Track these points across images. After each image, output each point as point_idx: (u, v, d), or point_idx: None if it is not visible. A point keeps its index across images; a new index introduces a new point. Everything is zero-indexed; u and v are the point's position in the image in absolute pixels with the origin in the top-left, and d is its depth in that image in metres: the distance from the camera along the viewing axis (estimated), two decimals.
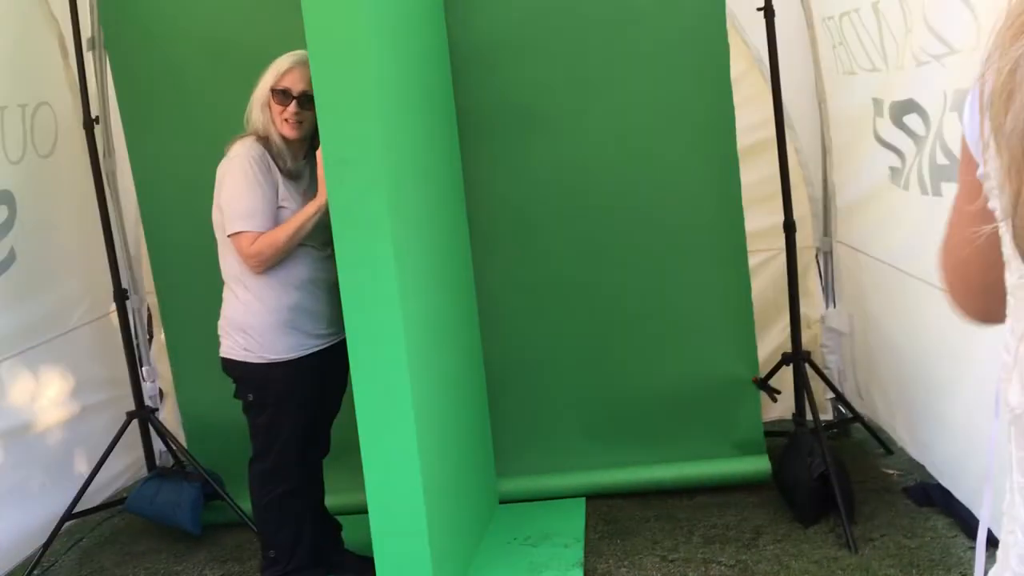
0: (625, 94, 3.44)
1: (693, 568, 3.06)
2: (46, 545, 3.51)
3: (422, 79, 3.05)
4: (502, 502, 3.63)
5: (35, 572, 3.45)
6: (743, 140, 3.62)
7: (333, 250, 2.61)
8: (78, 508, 3.60)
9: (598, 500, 3.60)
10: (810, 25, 3.71)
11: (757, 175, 3.77)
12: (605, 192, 3.50)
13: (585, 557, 3.19)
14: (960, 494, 3.05)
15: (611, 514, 3.51)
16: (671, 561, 3.13)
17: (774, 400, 3.64)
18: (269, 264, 2.76)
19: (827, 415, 4.01)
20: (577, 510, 3.54)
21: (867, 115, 3.30)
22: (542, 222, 3.53)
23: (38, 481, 3.62)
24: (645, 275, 3.55)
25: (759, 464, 3.55)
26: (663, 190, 3.49)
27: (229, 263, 2.84)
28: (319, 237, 2.78)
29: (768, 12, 3.39)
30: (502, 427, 3.61)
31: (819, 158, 3.90)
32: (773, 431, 3.73)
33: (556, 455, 3.66)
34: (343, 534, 3.22)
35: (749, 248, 3.64)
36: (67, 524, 3.59)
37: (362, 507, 2.74)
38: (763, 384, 3.60)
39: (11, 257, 3.52)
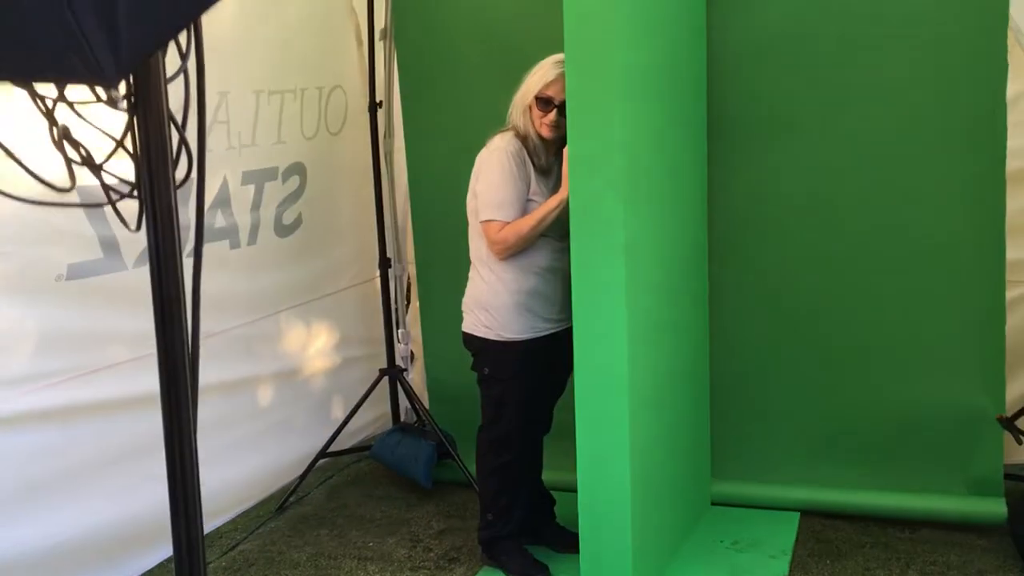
0: (886, 103, 3.33)
1: None
2: (302, 477, 3.98)
3: (675, 81, 3.14)
4: (714, 503, 3.67)
5: (291, 499, 3.93)
6: (1017, 163, 3.41)
7: (569, 242, 2.78)
8: (331, 449, 4.05)
9: (813, 517, 3.55)
10: None
11: None
12: (853, 205, 3.42)
13: (790, 572, 3.18)
14: None
15: (825, 533, 3.46)
16: None
17: (1019, 442, 3.41)
18: (512, 252, 2.98)
19: None
20: (790, 523, 3.51)
21: None
22: (784, 232, 3.51)
23: (301, 421, 4.10)
24: (889, 293, 3.44)
25: (994, 506, 3.36)
26: (918, 207, 3.36)
27: (477, 246, 3.08)
28: (558, 229, 2.96)
29: None
30: (723, 429, 3.64)
31: None
32: (1014, 475, 3.50)
33: (774, 465, 3.65)
34: (556, 509, 3.41)
35: (1014, 279, 3.44)
36: (321, 462, 4.05)
37: (576, 486, 2.90)
38: (1008, 423, 3.39)
39: (299, 221, 3.99)
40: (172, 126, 1.09)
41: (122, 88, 1.06)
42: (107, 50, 0.93)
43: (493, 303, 3.03)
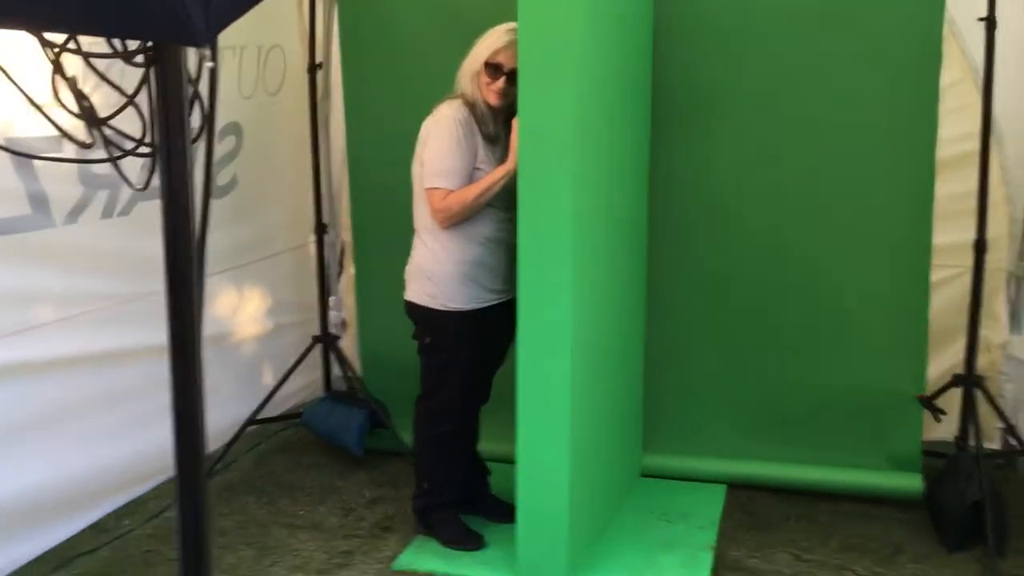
0: (823, 91, 3.41)
1: (826, 572, 3.07)
2: (229, 444, 3.90)
3: (624, 60, 3.15)
4: (644, 475, 3.73)
5: (217, 466, 3.86)
6: (946, 151, 3.51)
7: (515, 213, 2.77)
8: (260, 416, 3.99)
9: (740, 490, 3.65)
10: None
11: (956, 188, 3.64)
12: (788, 187, 3.50)
13: (718, 542, 3.26)
14: None
15: (751, 506, 3.55)
16: (804, 561, 3.15)
17: (938, 420, 3.55)
18: (455, 220, 2.96)
19: (994, 444, 3.86)
20: (717, 496, 3.59)
21: None
22: (722, 212, 3.56)
23: (230, 387, 4.01)
24: (820, 275, 3.53)
25: (912, 481, 3.49)
26: (851, 192, 3.45)
27: (422, 214, 3.05)
28: (504, 199, 2.94)
29: (990, 23, 3.26)
30: (654, 403, 3.70)
31: None
32: (932, 451, 3.64)
33: (704, 439, 3.72)
34: (490, 480, 3.42)
35: (938, 263, 3.56)
36: (249, 429, 3.98)
37: (511, 457, 2.92)
38: (928, 402, 3.52)
39: (234, 182, 3.89)
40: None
41: (131, 44, 1.01)
42: (199, 9, 0.89)
43: (437, 272, 3.01)
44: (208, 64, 1.01)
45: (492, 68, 2.93)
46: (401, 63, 3.79)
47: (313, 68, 3.99)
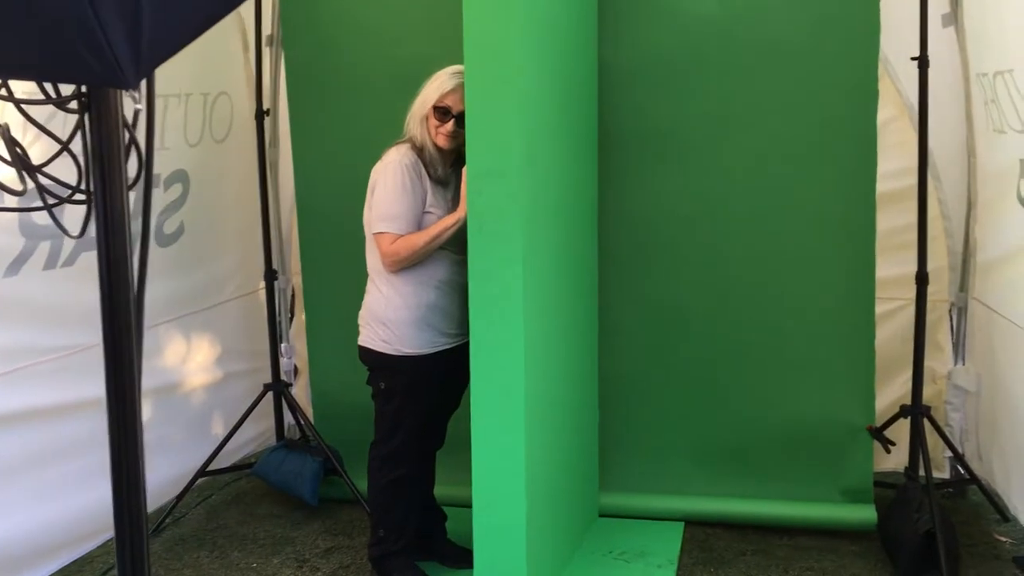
0: (766, 127, 3.48)
1: None
2: (179, 497, 3.82)
3: (569, 97, 3.19)
4: (602, 515, 3.72)
5: (167, 520, 3.77)
6: (885, 185, 3.61)
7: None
8: (211, 467, 3.91)
9: (696, 527, 3.65)
10: (966, 79, 3.65)
11: (897, 222, 3.74)
12: (735, 223, 3.55)
13: None
14: None
15: (708, 542, 3.55)
16: None
17: (887, 451, 3.59)
18: (403, 265, 2.95)
19: (943, 473, 3.92)
20: (675, 533, 3.59)
21: (1012, 176, 3.24)
22: (670, 248, 3.61)
23: (180, 437, 3.94)
24: (768, 309, 3.58)
25: (865, 513, 3.52)
26: (795, 227, 3.51)
27: (375, 259, 3.04)
28: (457, 242, 2.95)
29: (922, 62, 3.37)
30: (609, 442, 3.70)
31: (963, 211, 3.83)
32: (883, 482, 3.69)
33: (660, 476, 3.73)
34: (447, 525, 3.39)
35: (882, 295, 3.63)
36: (200, 480, 3.90)
37: (468, 501, 2.89)
38: (877, 433, 3.56)
39: (180, 230, 3.85)
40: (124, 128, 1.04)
41: (65, 89, 1.00)
42: (128, 52, 0.87)
43: (392, 317, 2.99)
44: (137, 106, 1.00)
45: (440, 111, 2.95)
46: (349, 108, 3.80)
47: (260, 115, 3.98)
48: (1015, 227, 3.27)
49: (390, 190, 2.94)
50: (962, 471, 3.80)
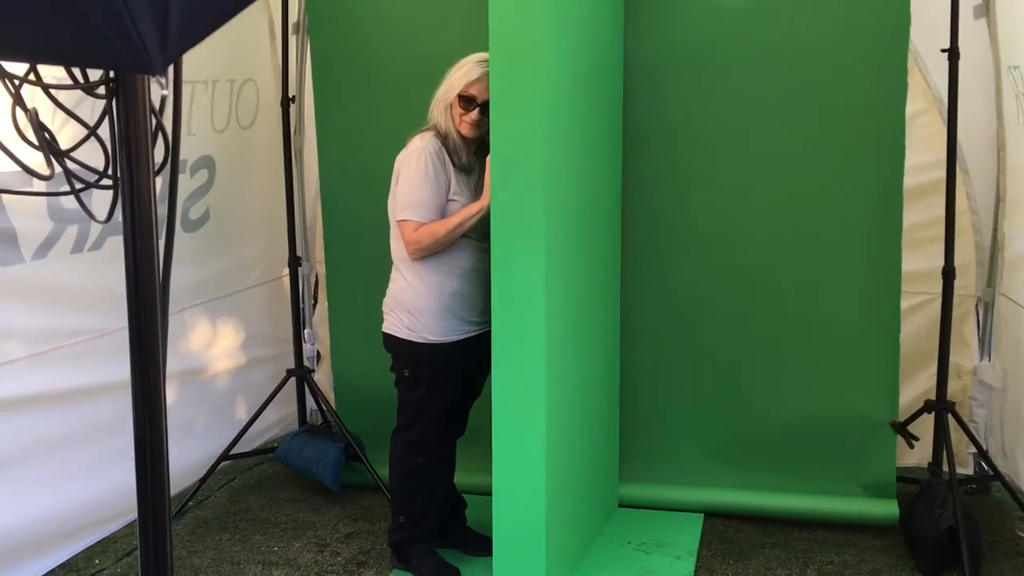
0: (794, 120, 3.45)
1: None
2: (202, 480, 3.86)
3: (595, 90, 3.18)
4: (621, 506, 3.72)
5: (190, 503, 3.81)
6: (914, 179, 3.57)
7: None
8: (234, 451, 3.95)
9: (716, 519, 3.65)
10: (997, 72, 3.61)
11: (924, 216, 3.71)
12: (759, 218, 3.53)
13: (695, 572, 3.25)
14: None
15: (728, 534, 3.55)
16: None
17: (911, 446, 3.57)
18: (426, 253, 2.96)
19: (967, 469, 3.89)
20: (694, 525, 3.59)
21: None
22: (694, 241, 3.59)
23: (203, 421, 3.98)
24: (792, 303, 3.56)
25: (887, 508, 3.51)
26: (822, 220, 3.49)
27: (399, 247, 3.05)
28: (480, 230, 2.95)
29: (952, 54, 3.33)
30: (631, 433, 3.70)
31: (992, 206, 3.79)
32: (906, 477, 3.67)
33: (680, 468, 3.73)
34: (467, 512, 3.40)
35: (908, 290, 3.60)
36: (223, 464, 3.94)
37: (489, 489, 2.90)
38: (901, 428, 3.54)
39: (206, 216, 3.88)
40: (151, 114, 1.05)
41: (93, 75, 1.01)
42: (155, 38, 0.88)
43: (416, 305, 3.00)
44: (163, 92, 1.01)
45: (465, 100, 2.95)
46: (374, 95, 3.81)
47: (286, 101, 4.00)
48: None
49: (414, 178, 2.95)
50: (986, 467, 3.76)
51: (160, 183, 3.52)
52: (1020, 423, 3.63)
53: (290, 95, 4.02)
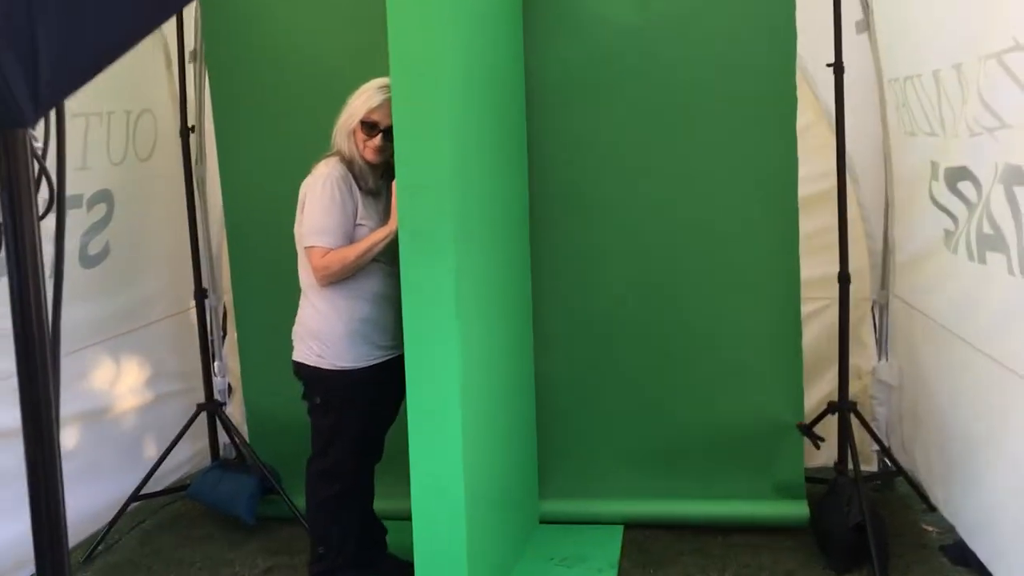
0: (691, 137, 3.55)
1: None
2: (111, 523, 3.74)
3: (498, 109, 3.21)
4: (543, 522, 3.74)
5: (99, 548, 3.69)
6: (807, 189, 3.70)
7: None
8: (144, 491, 3.83)
9: (635, 529, 3.70)
10: (879, 84, 3.78)
11: (819, 224, 3.84)
12: (665, 231, 3.61)
13: None
14: (983, 554, 3.07)
15: (646, 544, 3.60)
16: None
17: (817, 447, 3.69)
18: (335, 279, 2.94)
19: (872, 466, 4.03)
20: (614, 537, 3.63)
21: (924, 176, 3.36)
22: (602, 256, 3.65)
23: (111, 463, 3.85)
24: (698, 313, 3.65)
25: (797, 509, 3.61)
26: (720, 232, 3.59)
27: (307, 274, 3.02)
28: (390, 254, 2.94)
29: (837, 68, 3.47)
30: (548, 449, 3.73)
31: (882, 212, 3.96)
32: (814, 478, 3.78)
33: (598, 481, 3.77)
34: (387, 538, 3.37)
35: (807, 296, 3.72)
36: (133, 505, 3.82)
37: (408, 514, 2.88)
38: (807, 430, 3.66)
39: (106, 251, 3.77)
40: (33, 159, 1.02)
41: None
42: (24, 89, 0.85)
43: (326, 331, 2.98)
44: (37, 144, 0.99)
45: (368, 126, 2.95)
46: (276, 122, 3.77)
47: (186, 131, 3.93)
48: (930, 225, 3.39)
49: (320, 204, 2.93)
50: (889, 463, 3.92)
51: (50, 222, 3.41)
52: (918, 419, 3.78)
53: (190, 124, 3.96)
